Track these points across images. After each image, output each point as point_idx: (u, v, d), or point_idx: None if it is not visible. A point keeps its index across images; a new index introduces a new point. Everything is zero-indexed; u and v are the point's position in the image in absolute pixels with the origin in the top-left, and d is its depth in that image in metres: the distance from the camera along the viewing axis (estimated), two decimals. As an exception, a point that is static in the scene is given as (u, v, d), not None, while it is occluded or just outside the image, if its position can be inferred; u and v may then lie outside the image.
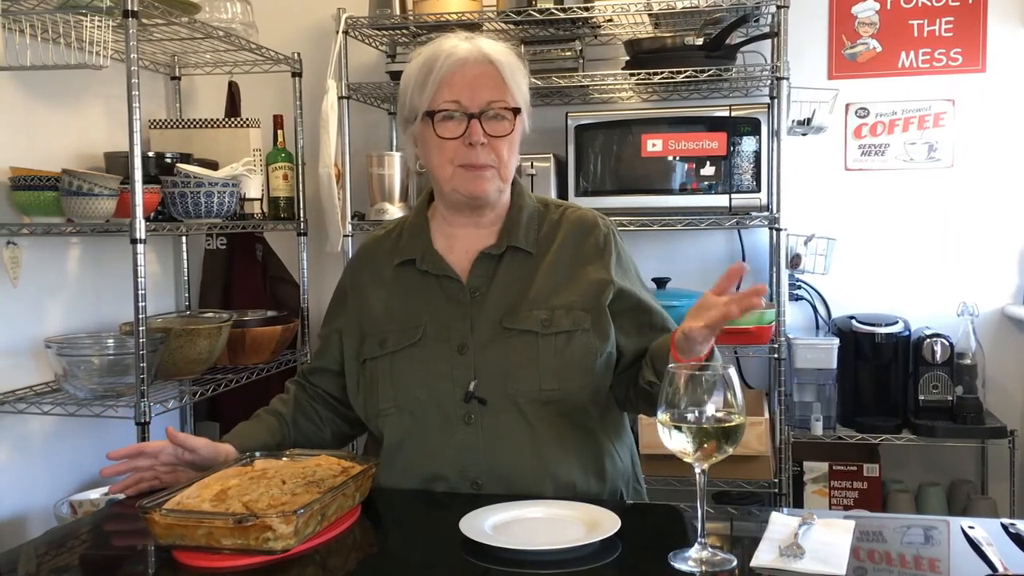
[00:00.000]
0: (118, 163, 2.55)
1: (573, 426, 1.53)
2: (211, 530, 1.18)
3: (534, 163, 2.85)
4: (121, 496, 1.52)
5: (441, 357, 1.52)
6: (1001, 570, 1.11)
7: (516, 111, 1.55)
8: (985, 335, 2.91)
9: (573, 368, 1.52)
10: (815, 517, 1.29)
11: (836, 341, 2.83)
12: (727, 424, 1.15)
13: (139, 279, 2.28)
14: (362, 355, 1.60)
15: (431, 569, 1.23)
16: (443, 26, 2.86)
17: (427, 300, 1.58)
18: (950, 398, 2.77)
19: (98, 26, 2.28)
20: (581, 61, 2.91)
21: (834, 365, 2.81)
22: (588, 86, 2.98)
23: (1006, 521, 1.30)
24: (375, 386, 1.57)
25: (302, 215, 3.06)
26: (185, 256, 3.22)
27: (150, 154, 2.64)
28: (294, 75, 3.04)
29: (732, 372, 1.16)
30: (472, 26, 2.81)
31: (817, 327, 3.08)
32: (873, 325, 2.85)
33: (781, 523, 1.29)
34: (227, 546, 1.18)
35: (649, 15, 2.85)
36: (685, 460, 1.17)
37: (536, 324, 1.52)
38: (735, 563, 1.16)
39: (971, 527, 1.27)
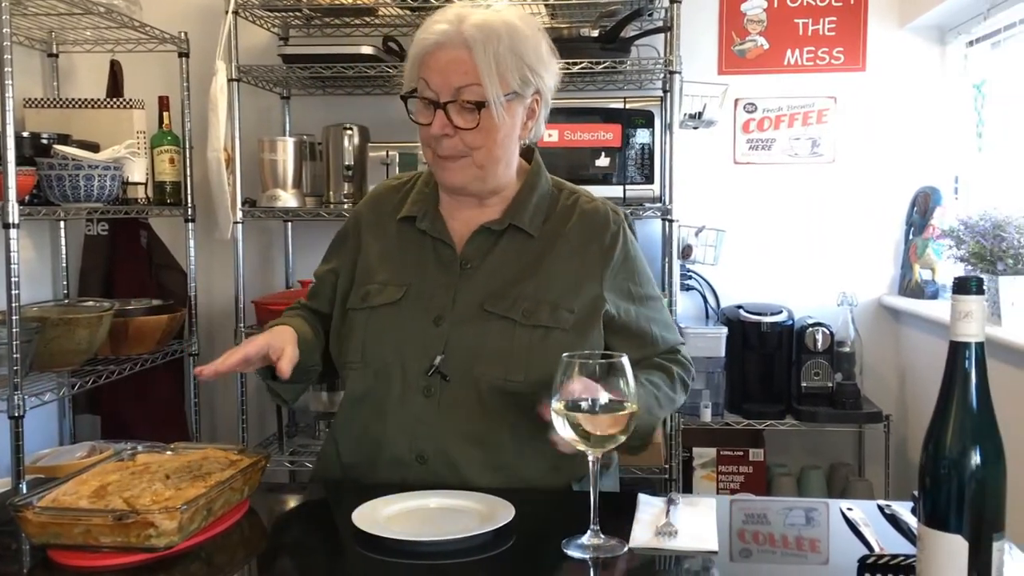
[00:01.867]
0: (-11, 143, 2.41)
1: (531, 419, 1.44)
2: (89, 528, 1.13)
3: (430, 151, 2.82)
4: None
5: (416, 324, 1.47)
6: (877, 550, 1.16)
7: (482, 105, 1.42)
8: (863, 324, 3.03)
9: (543, 364, 1.43)
10: (679, 497, 1.34)
11: (724, 330, 2.91)
12: (620, 412, 1.16)
13: (12, 266, 2.17)
14: (347, 303, 1.56)
15: (323, 562, 1.20)
16: (336, 10, 2.80)
17: (419, 261, 1.54)
18: (830, 385, 2.89)
19: (-34, -3, 2.15)
20: (478, 49, 2.89)
21: (723, 353, 2.89)
22: (485, 75, 2.97)
23: (882, 503, 1.35)
24: (349, 336, 1.53)
25: (189, 200, 2.97)
26: (64, 242, 3.07)
27: (24, 134, 2.51)
28: (181, 55, 2.93)
29: (625, 360, 1.17)
30: (367, 11, 2.76)
31: (707, 316, 3.16)
32: (759, 314, 2.94)
33: (649, 504, 1.33)
34: (106, 544, 1.13)
35: (545, 5, 2.86)
36: (578, 448, 1.18)
37: (517, 313, 1.46)
38: (626, 547, 1.18)
39: (849, 509, 1.33)
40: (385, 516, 1.25)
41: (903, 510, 1.31)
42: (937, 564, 0.94)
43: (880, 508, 1.34)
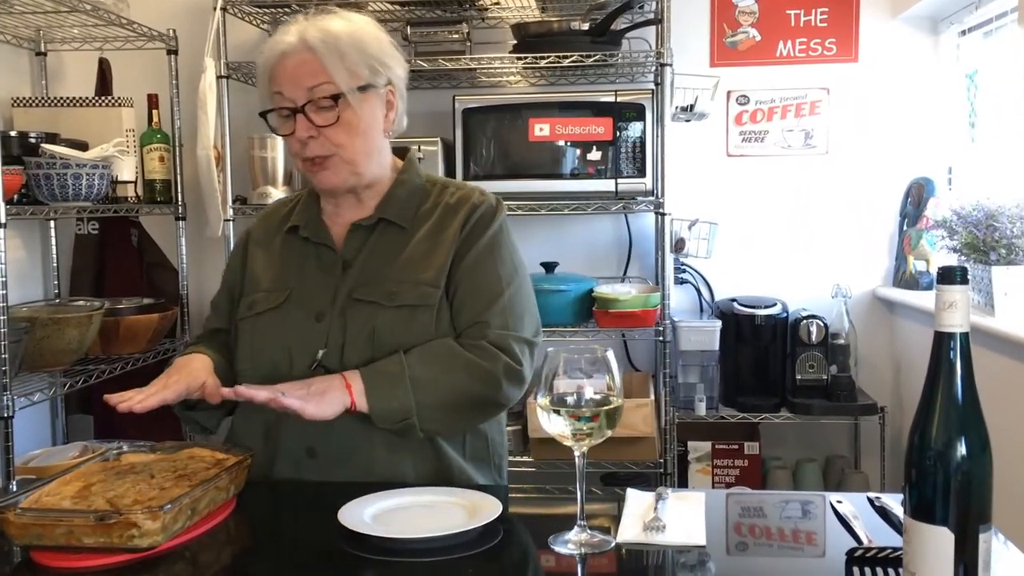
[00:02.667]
0: (-24, 143, 2.40)
1: None
2: (71, 528, 1.12)
3: (421, 147, 2.82)
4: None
5: (298, 323, 1.52)
6: (866, 542, 1.15)
7: (337, 97, 1.48)
8: (857, 316, 3.03)
9: (412, 344, 1.49)
10: (669, 492, 1.33)
11: (718, 323, 2.90)
12: (606, 407, 1.15)
13: (0, 265, 2.15)
14: (236, 315, 1.62)
15: (309, 561, 1.19)
16: (325, 3, 2.78)
17: (301, 267, 1.59)
18: (825, 377, 2.88)
19: (-50, -5, 2.14)
20: (468, 44, 2.89)
21: (716, 347, 2.88)
22: (475, 69, 2.96)
23: (872, 495, 1.34)
24: (239, 345, 1.59)
25: (180, 199, 2.95)
26: (54, 241, 3.06)
27: (12, 133, 2.49)
28: (169, 53, 2.91)
29: (610, 355, 1.16)
30: (356, 5, 2.75)
31: (701, 310, 3.15)
32: (753, 307, 2.93)
33: (637, 498, 1.32)
34: (89, 544, 1.12)
35: (535, -1, 2.85)
36: (564, 443, 1.17)
37: (383, 296, 1.51)
38: (613, 543, 1.17)
39: (839, 501, 1.32)
40: (371, 514, 1.24)
41: (893, 502, 1.30)
42: (923, 556, 0.93)
43: (870, 500, 1.33)
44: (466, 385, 1.48)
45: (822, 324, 2.87)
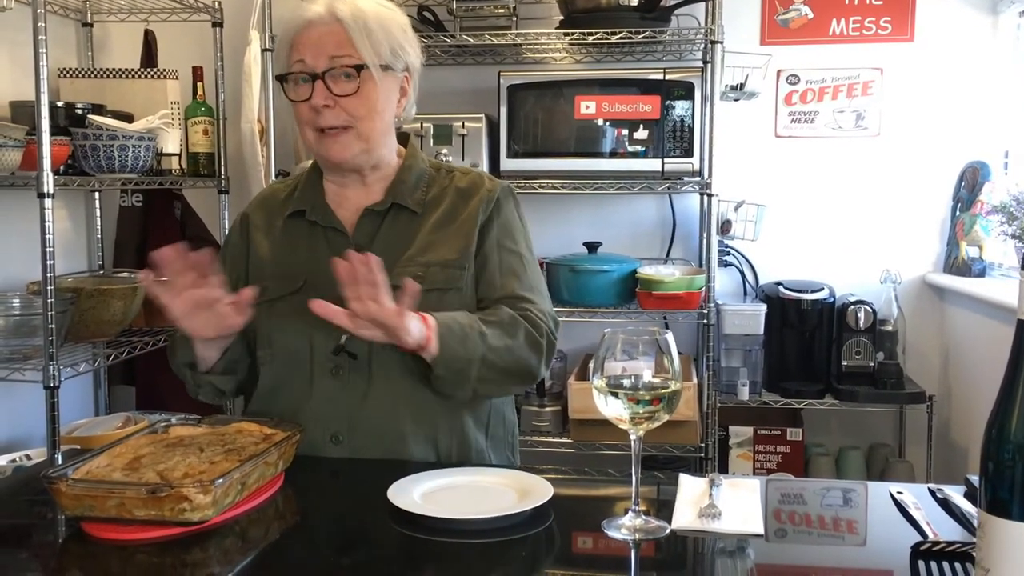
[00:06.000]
0: (24, 113, 2.40)
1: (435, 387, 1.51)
2: (123, 501, 1.11)
3: (465, 123, 2.79)
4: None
5: None
6: (931, 536, 1.12)
7: (360, 67, 1.48)
8: (907, 302, 2.96)
9: None
10: (721, 478, 1.30)
11: (763, 307, 2.85)
12: (663, 390, 1.12)
13: (47, 235, 2.16)
14: None
15: (358, 538, 1.19)
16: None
17: (312, 251, 1.57)
18: (872, 364, 2.82)
19: (1, -35, 2.14)
20: (514, 19, 2.85)
21: (761, 331, 2.84)
22: (521, 45, 2.93)
23: (933, 486, 1.31)
24: (254, 333, 1.57)
25: (223, 172, 2.95)
26: (98, 213, 3.08)
27: (59, 104, 2.49)
28: (215, 25, 2.90)
29: (669, 337, 1.13)
30: (402, -21, 2.71)
31: (745, 293, 3.10)
32: (799, 292, 2.88)
33: (691, 484, 1.29)
34: (140, 517, 1.11)
35: (584, -27, 2.79)
36: (620, 427, 1.15)
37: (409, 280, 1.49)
38: (668, 529, 1.14)
39: (900, 492, 1.28)
40: (420, 493, 1.23)
41: (955, 494, 1.26)
42: (999, 552, 0.89)
43: (931, 492, 1.29)
44: (522, 352, 1.49)
45: (870, 310, 2.81)
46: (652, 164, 2.75)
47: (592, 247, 2.87)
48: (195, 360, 1.53)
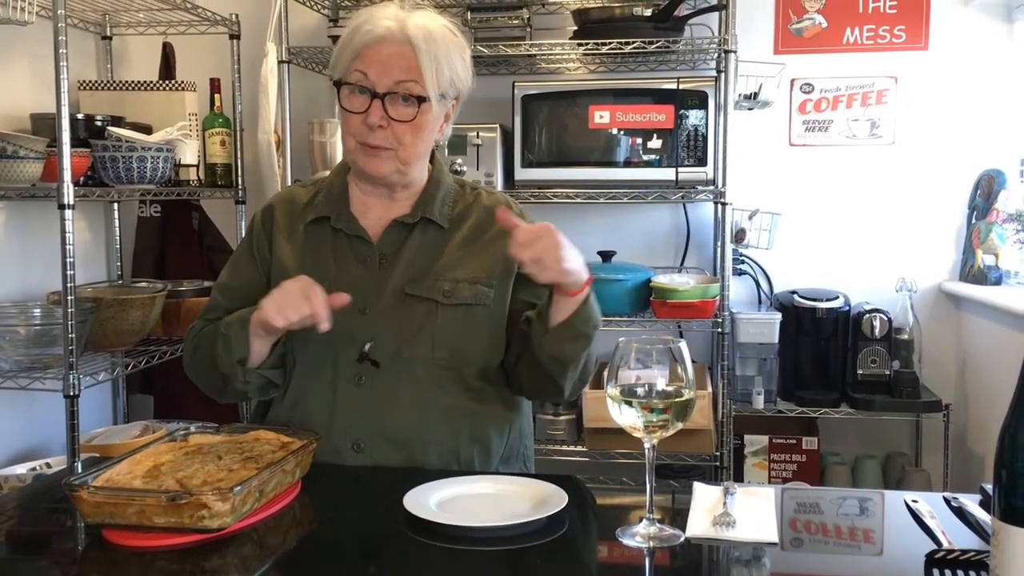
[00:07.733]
0: (45, 125, 2.44)
1: (462, 398, 1.54)
2: (143, 508, 1.13)
3: (480, 133, 2.81)
4: None
5: (342, 315, 1.48)
6: (945, 544, 1.12)
7: (422, 100, 1.49)
8: (922, 311, 2.95)
9: (469, 341, 1.53)
10: (736, 486, 1.31)
11: (778, 316, 2.84)
12: (678, 399, 1.13)
13: (67, 246, 2.19)
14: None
15: (375, 546, 1.20)
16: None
17: (336, 258, 1.58)
18: (887, 372, 2.81)
19: (22, -21, 2.17)
20: (528, 30, 2.86)
21: (776, 340, 2.83)
22: (535, 55, 2.94)
23: (948, 495, 1.31)
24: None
25: (240, 183, 2.97)
26: (117, 223, 3.11)
27: (79, 116, 2.53)
28: (232, 37, 2.93)
29: (683, 346, 1.14)
30: (417, -9, 2.73)
31: (759, 302, 3.10)
32: (814, 300, 2.87)
33: (705, 492, 1.30)
34: (160, 524, 1.13)
35: (598, -16, 2.81)
36: (635, 435, 1.15)
37: (438, 294, 1.53)
38: (682, 537, 1.15)
39: (915, 501, 1.28)
40: (436, 501, 1.24)
41: (970, 503, 1.26)
42: (1012, 560, 0.90)
43: (946, 500, 1.29)
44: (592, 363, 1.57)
45: (885, 318, 2.80)
46: (666, 173, 2.75)
47: (606, 256, 2.88)
48: (247, 357, 1.50)
